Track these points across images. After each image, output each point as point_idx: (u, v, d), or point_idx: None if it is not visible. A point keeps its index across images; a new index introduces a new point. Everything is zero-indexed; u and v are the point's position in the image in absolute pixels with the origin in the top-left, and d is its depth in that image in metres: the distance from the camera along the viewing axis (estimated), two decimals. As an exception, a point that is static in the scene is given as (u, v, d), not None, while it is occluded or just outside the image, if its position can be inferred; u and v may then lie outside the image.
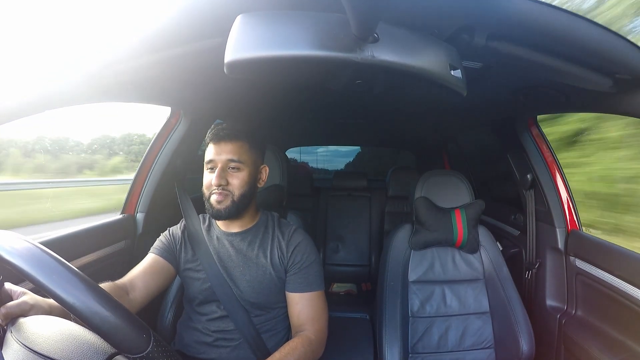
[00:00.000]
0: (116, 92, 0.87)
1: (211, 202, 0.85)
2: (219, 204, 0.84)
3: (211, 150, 0.86)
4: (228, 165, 0.85)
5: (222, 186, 0.84)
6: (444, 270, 1.22)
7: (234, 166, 0.85)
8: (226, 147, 0.85)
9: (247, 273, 0.88)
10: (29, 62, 0.59)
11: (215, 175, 0.83)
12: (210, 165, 0.86)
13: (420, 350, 1.14)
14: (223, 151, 0.85)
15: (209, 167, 0.87)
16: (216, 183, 0.83)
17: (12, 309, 0.50)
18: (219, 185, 0.83)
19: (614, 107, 0.81)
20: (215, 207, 0.85)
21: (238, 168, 0.85)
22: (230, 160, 0.85)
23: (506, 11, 0.54)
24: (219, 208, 0.85)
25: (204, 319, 0.89)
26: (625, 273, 0.94)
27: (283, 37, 0.43)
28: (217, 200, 0.84)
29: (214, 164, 0.85)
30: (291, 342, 0.81)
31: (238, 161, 0.85)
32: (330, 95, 1.32)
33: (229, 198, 0.85)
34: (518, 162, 1.36)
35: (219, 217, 0.87)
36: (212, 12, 0.59)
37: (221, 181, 0.83)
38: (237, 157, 0.85)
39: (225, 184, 0.84)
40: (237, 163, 0.85)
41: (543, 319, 1.21)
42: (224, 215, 0.85)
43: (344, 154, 4.04)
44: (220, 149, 0.85)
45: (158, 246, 0.91)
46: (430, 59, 0.48)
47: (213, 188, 0.84)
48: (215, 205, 0.85)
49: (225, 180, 0.84)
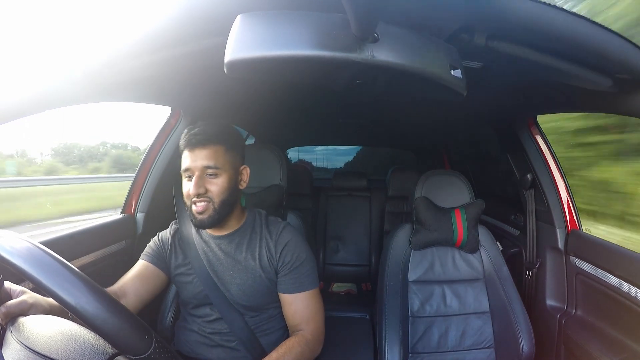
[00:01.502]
0: (116, 92, 0.87)
1: (193, 212, 0.82)
2: (200, 215, 0.82)
3: (186, 157, 0.82)
4: (205, 172, 0.81)
5: (201, 195, 0.81)
6: (444, 270, 1.22)
7: (211, 172, 0.81)
8: (201, 153, 0.81)
9: (237, 277, 0.86)
10: (29, 62, 0.59)
11: (192, 185, 0.80)
12: (187, 173, 0.82)
13: (420, 350, 1.14)
14: (198, 158, 0.81)
15: (187, 176, 0.83)
16: (194, 192, 0.80)
17: (11, 308, 0.50)
18: (197, 194, 0.80)
19: (614, 107, 0.81)
20: (198, 218, 0.82)
21: (216, 174, 0.82)
22: (207, 167, 0.81)
23: (506, 11, 0.54)
24: (202, 218, 0.82)
25: (200, 321, 0.89)
26: (625, 273, 0.94)
27: (283, 37, 0.43)
28: (197, 211, 0.81)
29: (190, 172, 0.82)
30: (288, 341, 0.81)
31: (215, 167, 0.81)
32: (330, 95, 1.32)
33: (210, 207, 0.82)
34: (518, 162, 1.36)
35: (202, 227, 0.84)
36: (212, 12, 0.59)
37: (199, 190, 0.80)
38: (213, 163, 0.81)
39: (204, 192, 0.81)
40: (214, 169, 0.81)
41: (543, 319, 1.21)
42: (207, 225, 0.83)
43: (342, 152, 4.02)
44: (195, 155, 0.81)
45: (148, 252, 0.91)
46: (430, 59, 0.48)
47: (193, 198, 0.81)
48: (197, 215, 0.82)
49: (204, 189, 0.81)
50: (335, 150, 3.94)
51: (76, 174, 9.17)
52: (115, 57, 0.66)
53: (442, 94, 0.56)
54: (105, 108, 8.93)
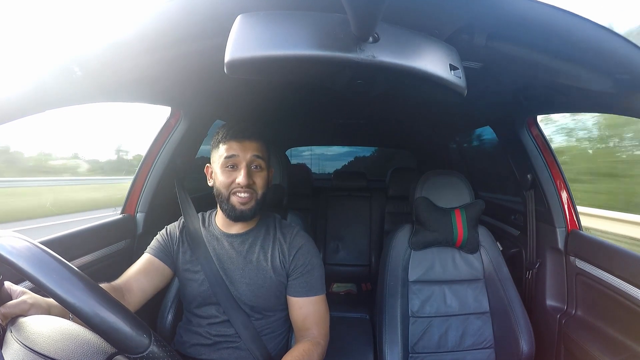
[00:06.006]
0: (116, 92, 0.87)
1: (233, 202, 0.82)
2: (243, 205, 0.81)
3: (232, 147, 0.82)
4: (252, 163, 0.82)
5: (249, 186, 0.81)
6: (444, 270, 1.22)
7: (257, 165, 0.83)
8: (250, 145, 0.82)
9: (247, 276, 0.86)
10: (29, 62, 0.59)
11: (242, 174, 0.80)
12: (232, 162, 0.82)
13: (420, 350, 1.14)
14: (248, 149, 0.82)
15: (229, 165, 0.82)
16: (245, 183, 0.79)
17: (11, 308, 0.50)
18: (247, 184, 0.80)
19: (614, 107, 0.81)
20: (239, 208, 0.82)
21: (261, 167, 0.84)
22: (256, 157, 0.82)
23: (506, 11, 0.55)
24: (244, 209, 0.82)
25: (205, 322, 0.87)
26: (625, 273, 0.94)
27: (283, 37, 0.43)
28: (241, 202, 0.81)
29: (236, 160, 0.81)
30: (303, 345, 0.80)
31: (262, 158, 0.83)
32: (330, 96, 1.32)
33: (253, 198, 0.82)
34: (518, 162, 1.36)
35: (243, 219, 0.84)
36: (212, 12, 0.59)
37: (249, 180, 0.80)
38: (262, 154, 0.83)
39: (252, 183, 0.81)
40: (261, 161, 0.83)
41: (543, 319, 1.21)
42: (248, 217, 0.83)
43: (331, 157, 3.85)
44: (244, 146, 0.81)
45: (154, 246, 0.90)
46: (431, 59, 0.48)
47: (236, 188, 0.81)
48: (239, 206, 0.81)
49: (252, 180, 0.81)
50: (324, 155, 3.85)
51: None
52: (115, 57, 0.66)
53: (442, 94, 0.56)
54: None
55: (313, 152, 3.61)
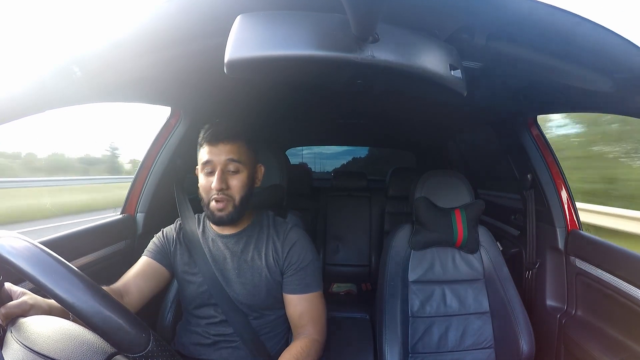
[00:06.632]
0: (116, 92, 0.87)
1: (211, 208, 0.82)
2: (220, 211, 0.81)
3: (207, 151, 0.82)
4: (227, 167, 0.81)
5: (223, 190, 0.80)
6: (444, 270, 1.22)
7: (233, 168, 0.81)
8: (224, 147, 0.81)
9: (243, 276, 0.86)
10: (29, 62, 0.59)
11: (215, 179, 0.79)
12: (208, 167, 0.82)
13: (420, 350, 1.14)
14: (222, 152, 0.81)
15: (207, 171, 0.82)
16: (217, 187, 0.79)
17: (12, 308, 0.50)
18: (219, 189, 0.80)
19: (614, 107, 0.81)
20: (217, 215, 0.82)
21: (237, 170, 0.82)
22: (230, 160, 0.81)
23: (506, 11, 0.54)
24: (221, 215, 0.81)
25: (203, 322, 0.88)
26: (625, 273, 0.93)
27: (283, 37, 0.43)
28: (217, 208, 0.81)
29: (211, 165, 0.81)
30: (300, 342, 0.80)
31: (237, 161, 0.81)
32: (330, 95, 1.32)
33: (230, 203, 0.81)
34: (518, 162, 1.36)
35: (221, 224, 0.84)
36: (212, 12, 0.59)
37: (222, 185, 0.79)
38: (236, 157, 0.81)
39: (226, 188, 0.80)
40: (236, 164, 0.81)
41: (543, 319, 1.21)
42: (226, 222, 0.83)
43: (328, 155, 3.83)
44: (218, 149, 0.81)
45: (151, 249, 0.90)
46: (431, 59, 0.48)
47: (213, 193, 0.81)
48: (217, 212, 0.81)
49: (226, 184, 0.81)
50: (322, 153, 3.83)
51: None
52: (115, 57, 0.66)
53: (442, 94, 0.56)
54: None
55: (311, 151, 3.61)
